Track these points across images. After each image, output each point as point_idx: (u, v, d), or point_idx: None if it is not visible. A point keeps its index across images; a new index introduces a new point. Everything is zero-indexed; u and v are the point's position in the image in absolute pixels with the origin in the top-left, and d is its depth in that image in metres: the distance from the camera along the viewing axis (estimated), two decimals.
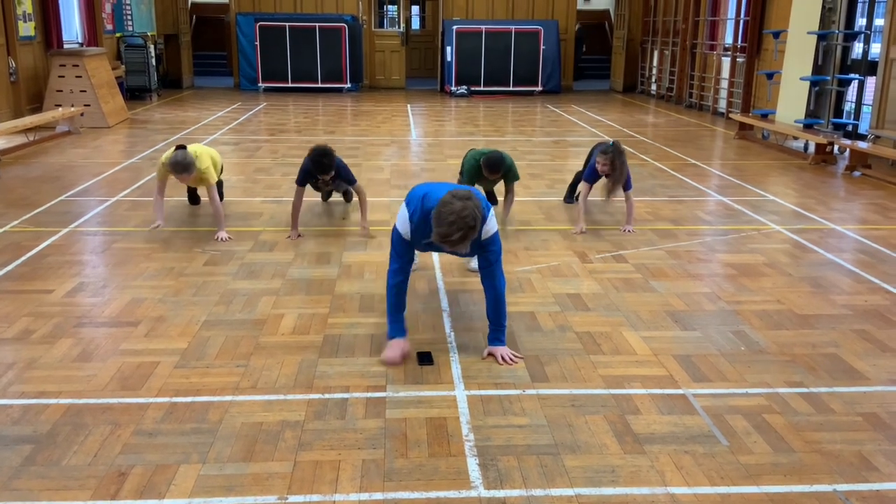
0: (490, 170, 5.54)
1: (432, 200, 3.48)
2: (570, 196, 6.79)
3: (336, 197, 6.64)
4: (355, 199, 6.38)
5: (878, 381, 3.47)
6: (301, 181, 5.54)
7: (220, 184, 6.43)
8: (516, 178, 5.75)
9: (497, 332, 3.67)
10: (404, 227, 3.58)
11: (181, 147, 5.46)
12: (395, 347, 3.60)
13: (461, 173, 5.89)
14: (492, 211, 3.61)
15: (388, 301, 3.66)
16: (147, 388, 3.29)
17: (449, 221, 3.25)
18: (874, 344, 3.86)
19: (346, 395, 3.26)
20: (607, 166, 5.76)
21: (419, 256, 4.96)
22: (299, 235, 5.58)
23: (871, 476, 2.73)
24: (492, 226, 3.56)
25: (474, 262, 4.60)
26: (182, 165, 5.33)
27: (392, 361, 3.55)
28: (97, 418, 3.04)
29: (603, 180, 5.92)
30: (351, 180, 5.66)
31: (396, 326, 3.67)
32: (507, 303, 4.22)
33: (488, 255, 3.59)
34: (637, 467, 2.76)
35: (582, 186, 6.12)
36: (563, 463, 2.78)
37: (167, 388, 3.30)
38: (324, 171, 5.42)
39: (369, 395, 3.27)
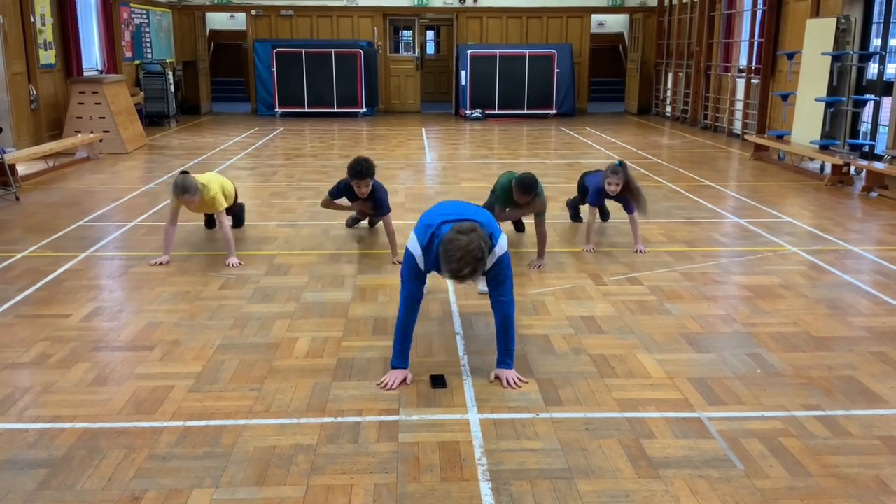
0: (522, 190, 5.21)
1: (440, 230, 3.47)
2: (577, 216, 6.82)
3: (360, 223, 6.61)
4: (378, 225, 6.41)
5: (895, 403, 3.43)
6: (333, 193, 5.68)
7: (241, 208, 6.50)
8: (544, 209, 5.38)
9: (504, 356, 3.64)
10: (417, 254, 3.55)
11: (184, 172, 5.55)
12: (395, 376, 3.59)
13: (492, 193, 5.83)
14: (503, 235, 3.62)
15: (398, 325, 3.64)
16: (161, 412, 3.31)
17: (457, 258, 3.25)
18: (892, 366, 3.82)
19: (358, 419, 3.26)
20: (619, 186, 5.71)
21: (430, 280, 4.96)
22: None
23: (890, 500, 2.69)
24: (501, 248, 3.55)
25: (483, 285, 4.58)
26: (182, 187, 5.36)
27: (388, 388, 3.54)
28: (112, 442, 3.06)
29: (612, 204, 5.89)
30: (384, 208, 5.62)
31: (401, 356, 3.65)
32: (521, 326, 4.23)
33: (498, 277, 3.57)
34: (652, 492, 2.74)
35: (587, 209, 6.08)
36: (576, 487, 2.76)
37: (181, 412, 3.31)
38: (359, 175, 5.41)
39: (382, 418, 3.26)
